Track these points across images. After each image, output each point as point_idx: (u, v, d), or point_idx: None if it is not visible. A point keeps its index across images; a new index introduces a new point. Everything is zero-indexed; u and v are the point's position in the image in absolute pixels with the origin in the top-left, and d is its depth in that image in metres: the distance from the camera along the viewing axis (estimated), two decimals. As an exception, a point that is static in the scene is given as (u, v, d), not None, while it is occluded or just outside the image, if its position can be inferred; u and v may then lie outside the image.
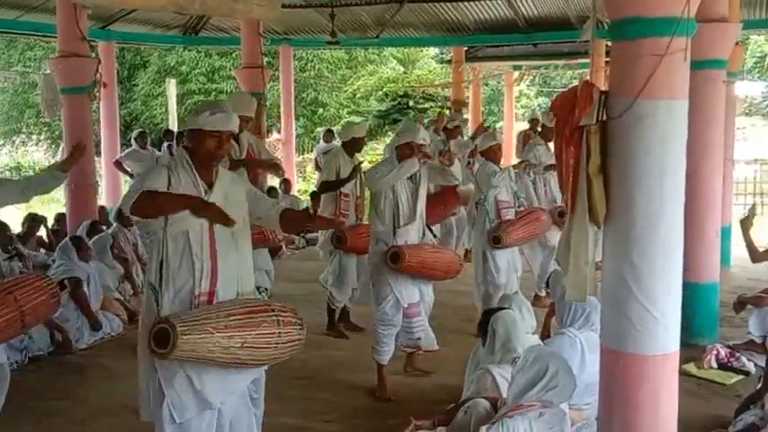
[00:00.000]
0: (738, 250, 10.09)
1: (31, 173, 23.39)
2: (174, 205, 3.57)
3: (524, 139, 11.57)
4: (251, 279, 3.88)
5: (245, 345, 3.51)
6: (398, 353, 6.14)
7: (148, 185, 3.58)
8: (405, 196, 5.84)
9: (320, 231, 8.09)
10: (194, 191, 3.67)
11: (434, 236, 6.67)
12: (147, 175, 3.70)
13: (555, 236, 7.51)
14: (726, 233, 8.94)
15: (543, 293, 8.01)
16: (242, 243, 3.82)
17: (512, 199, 7.28)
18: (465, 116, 17.14)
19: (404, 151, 5.82)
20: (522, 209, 7.48)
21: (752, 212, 5.98)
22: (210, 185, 3.74)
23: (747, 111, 28.43)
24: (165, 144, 12.64)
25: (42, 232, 9.23)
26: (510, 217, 7.13)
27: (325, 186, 7.39)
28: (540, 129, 9.67)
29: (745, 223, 5.99)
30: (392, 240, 5.76)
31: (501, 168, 7.21)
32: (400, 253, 5.62)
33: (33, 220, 8.96)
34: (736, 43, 7.63)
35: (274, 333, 3.61)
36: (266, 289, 3.93)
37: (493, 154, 7.25)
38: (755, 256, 6.21)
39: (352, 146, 7.39)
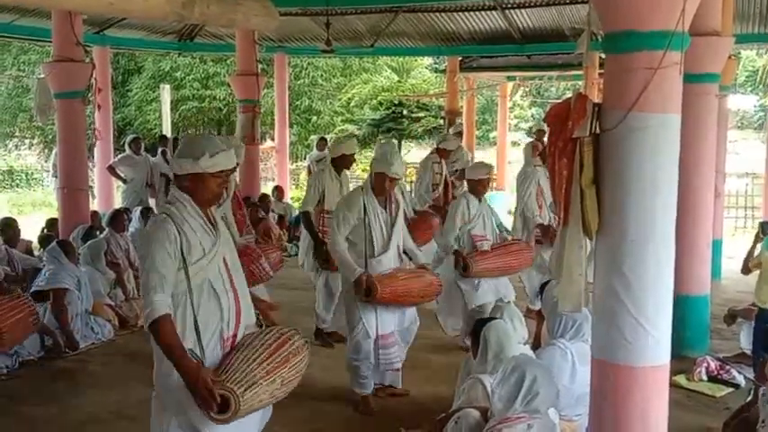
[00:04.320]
0: (729, 263, 10.19)
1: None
2: (171, 358, 3.35)
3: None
4: (252, 311, 3.78)
5: (282, 383, 3.51)
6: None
7: (160, 283, 3.33)
8: (378, 226, 5.73)
9: (300, 250, 7.93)
10: (207, 236, 3.53)
11: (410, 260, 6.19)
12: (155, 263, 3.35)
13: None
14: (716, 246, 8.97)
15: (536, 307, 7.95)
16: (243, 278, 3.75)
17: (489, 232, 7.02)
18: (459, 121, 17.14)
19: (377, 182, 5.72)
20: (507, 240, 7.27)
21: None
22: (213, 226, 3.62)
23: (739, 124, 28.65)
24: (160, 149, 12.62)
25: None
26: (486, 249, 6.91)
27: (306, 221, 7.25)
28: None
29: (758, 237, 6.58)
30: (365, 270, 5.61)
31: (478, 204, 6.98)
32: (372, 287, 5.46)
33: (6, 225, 8.81)
34: (729, 57, 7.67)
35: (299, 361, 3.62)
36: (259, 318, 3.96)
37: (481, 187, 7.02)
38: (747, 267, 6.48)
39: (342, 162, 7.25)
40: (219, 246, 3.58)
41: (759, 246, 6.61)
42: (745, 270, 6.72)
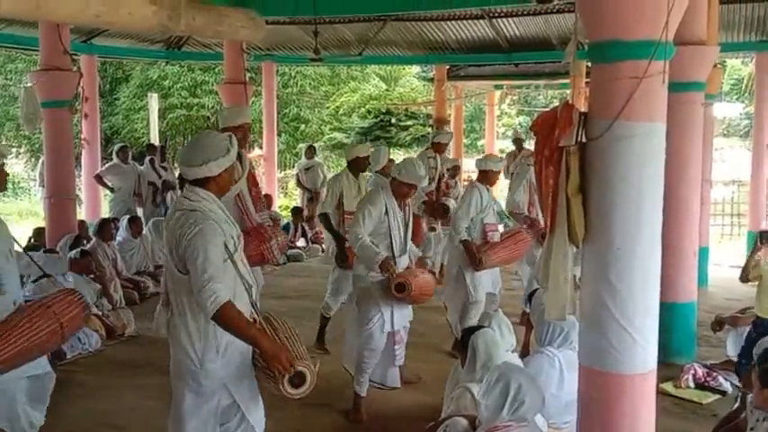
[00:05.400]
0: (715, 270, 10.25)
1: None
2: (248, 337, 3.55)
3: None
4: None
5: None
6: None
7: (217, 273, 3.48)
8: (397, 227, 5.86)
9: (325, 246, 8.25)
10: (232, 228, 3.72)
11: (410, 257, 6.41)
12: (209, 258, 3.48)
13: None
14: (703, 253, 9.01)
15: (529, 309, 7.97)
16: None
17: (497, 220, 7.24)
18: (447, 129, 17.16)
19: (401, 189, 5.84)
20: (507, 230, 7.44)
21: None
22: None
23: (725, 132, 28.79)
24: (148, 158, 12.58)
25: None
26: (496, 239, 7.05)
27: (325, 222, 7.44)
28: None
29: (756, 247, 6.70)
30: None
31: (487, 195, 7.11)
32: (406, 284, 5.59)
33: None
34: (715, 65, 7.73)
35: None
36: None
37: (494, 178, 7.26)
38: (746, 276, 6.70)
39: (357, 166, 7.46)
40: (240, 234, 3.81)
41: (759, 255, 6.68)
42: (744, 278, 6.82)
